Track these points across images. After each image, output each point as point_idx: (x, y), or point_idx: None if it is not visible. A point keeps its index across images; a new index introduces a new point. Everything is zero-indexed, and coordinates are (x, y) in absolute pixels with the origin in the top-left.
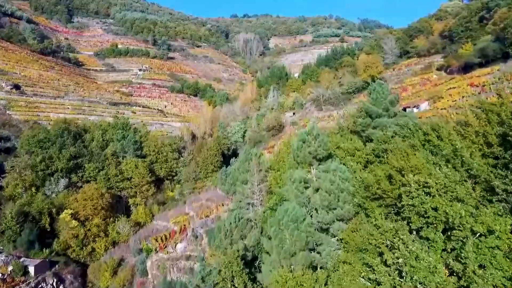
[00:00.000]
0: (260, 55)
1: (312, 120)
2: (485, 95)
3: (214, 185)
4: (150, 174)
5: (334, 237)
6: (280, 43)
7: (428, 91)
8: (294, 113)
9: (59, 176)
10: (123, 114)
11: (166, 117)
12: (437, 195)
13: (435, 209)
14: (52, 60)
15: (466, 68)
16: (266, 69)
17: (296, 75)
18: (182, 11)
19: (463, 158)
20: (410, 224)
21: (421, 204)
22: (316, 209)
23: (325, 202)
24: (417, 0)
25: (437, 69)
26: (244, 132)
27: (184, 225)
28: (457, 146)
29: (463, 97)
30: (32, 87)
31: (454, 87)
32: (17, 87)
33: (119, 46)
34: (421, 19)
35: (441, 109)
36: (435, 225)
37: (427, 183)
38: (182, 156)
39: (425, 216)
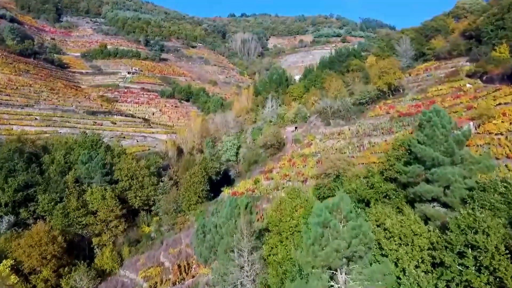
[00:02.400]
0: (259, 56)
1: (319, 138)
2: None
3: (199, 222)
4: (121, 206)
5: None
6: (279, 44)
7: (467, 105)
8: (296, 128)
9: (2, 213)
10: (101, 124)
11: (151, 127)
12: None
13: None
14: (32, 63)
15: None
16: (264, 70)
17: (297, 77)
18: (178, 11)
19: None
20: None
21: None
22: None
23: None
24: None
25: (468, 76)
26: (238, 149)
27: (156, 282)
28: None
29: None
30: None
31: (506, 103)
32: None
33: (108, 46)
34: (436, 17)
35: (496, 134)
36: None
37: None
38: (162, 181)
39: None
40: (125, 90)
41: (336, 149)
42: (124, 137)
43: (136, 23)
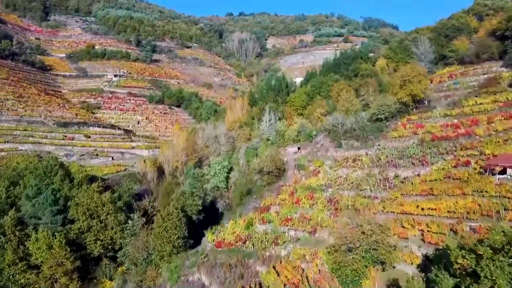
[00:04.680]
0: (257, 56)
1: (328, 164)
2: None
3: (173, 282)
4: (76, 254)
5: None
6: (278, 44)
7: None
8: (299, 148)
9: None
10: (72, 139)
11: (132, 140)
12: None
13: None
14: (9, 65)
15: None
16: (263, 72)
17: (298, 80)
18: (173, 9)
19: None
20: None
21: None
22: None
23: None
24: None
25: (511, 86)
26: (229, 173)
27: None
28: None
29: None
30: None
31: None
32: None
33: (97, 47)
34: (454, 15)
35: None
36: None
37: None
38: (132, 219)
39: None
40: (110, 95)
41: (352, 182)
42: (97, 154)
43: (128, 22)
